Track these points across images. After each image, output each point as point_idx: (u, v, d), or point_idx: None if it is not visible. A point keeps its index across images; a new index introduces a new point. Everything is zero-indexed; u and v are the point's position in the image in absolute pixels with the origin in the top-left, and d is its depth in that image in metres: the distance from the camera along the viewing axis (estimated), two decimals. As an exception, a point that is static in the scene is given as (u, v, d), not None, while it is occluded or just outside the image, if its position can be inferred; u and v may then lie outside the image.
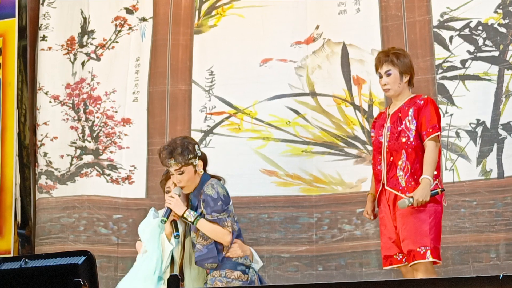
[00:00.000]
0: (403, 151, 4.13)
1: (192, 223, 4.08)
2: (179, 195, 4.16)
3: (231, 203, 4.16)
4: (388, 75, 4.21)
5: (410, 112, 4.15)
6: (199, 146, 4.25)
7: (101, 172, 5.76)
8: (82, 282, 2.73)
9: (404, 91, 4.24)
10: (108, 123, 5.81)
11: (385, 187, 4.17)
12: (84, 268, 2.94)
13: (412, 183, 4.08)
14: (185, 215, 4.09)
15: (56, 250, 5.48)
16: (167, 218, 4.12)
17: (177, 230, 4.15)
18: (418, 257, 4.01)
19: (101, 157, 5.79)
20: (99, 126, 5.84)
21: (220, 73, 5.62)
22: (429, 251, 3.99)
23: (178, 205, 4.09)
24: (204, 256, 4.07)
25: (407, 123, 4.14)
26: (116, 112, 5.79)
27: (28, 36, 6.03)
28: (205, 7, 5.75)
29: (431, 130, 4.10)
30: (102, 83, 5.87)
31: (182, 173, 4.13)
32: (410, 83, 4.26)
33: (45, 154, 5.89)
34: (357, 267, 5.15)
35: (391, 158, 4.16)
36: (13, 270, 3.06)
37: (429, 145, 4.08)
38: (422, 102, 4.16)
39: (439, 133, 4.13)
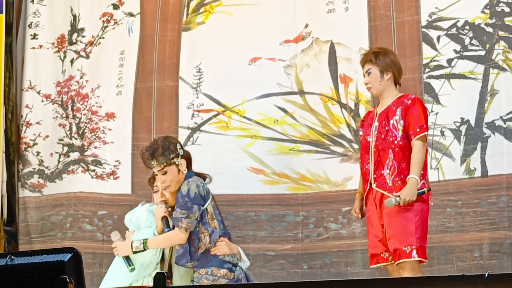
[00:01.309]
0: (390, 150, 4.14)
1: (144, 249, 4.08)
2: (119, 239, 4.16)
3: (205, 204, 4.10)
4: (369, 74, 4.24)
5: (398, 111, 4.16)
6: (181, 145, 4.23)
7: (86, 168, 5.75)
8: (68, 279, 2.72)
9: (389, 90, 4.24)
10: (92, 118, 5.81)
11: (372, 186, 4.18)
12: (70, 265, 2.93)
13: (399, 182, 4.09)
14: (134, 250, 4.08)
15: (45, 248, 5.47)
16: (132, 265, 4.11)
17: (168, 226, 4.16)
18: (404, 256, 4.02)
19: (86, 153, 5.78)
20: (85, 123, 5.83)
21: (208, 70, 5.61)
22: (414, 250, 4.00)
23: (123, 249, 4.09)
24: (180, 256, 4.08)
25: (395, 123, 4.15)
26: (100, 107, 5.79)
27: (16, 33, 6.00)
28: (193, 4, 5.74)
29: (418, 130, 4.11)
30: (91, 80, 5.86)
31: (165, 173, 4.12)
32: (395, 82, 4.26)
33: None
34: (342, 266, 5.16)
35: (378, 157, 4.17)
36: (-2, 267, 3.05)
37: (417, 144, 4.09)
38: (410, 101, 4.17)
39: (426, 133, 4.14)
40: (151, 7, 5.81)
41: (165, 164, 4.10)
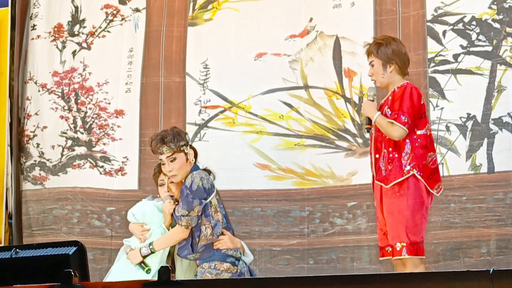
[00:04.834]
0: (383, 141, 4.11)
1: (152, 252, 4.09)
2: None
3: (208, 197, 4.10)
4: (372, 65, 4.19)
5: (389, 100, 4.14)
6: (189, 136, 4.27)
7: (94, 164, 5.76)
8: (72, 273, 2.73)
9: (394, 81, 4.16)
10: (101, 114, 5.81)
11: (375, 180, 4.16)
12: (75, 258, 2.95)
13: (390, 169, 4.03)
14: (143, 255, 4.09)
15: (49, 241, 5.49)
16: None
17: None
18: (396, 254, 3.99)
19: (94, 149, 5.79)
20: (92, 118, 5.84)
21: (214, 66, 5.62)
22: (404, 248, 3.95)
23: (134, 257, 4.10)
24: (182, 248, 4.10)
25: (386, 113, 4.11)
26: (109, 103, 5.79)
27: (17, 25, 5.99)
28: (200, 0, 5.75)
29: (393, 116, 4.02)
30: (94, 73, 5.86)
31: (174, 159, 4.12)
32: (401, 72, 4.17)
33: (38, 145, 5.89)
34: (348, 262, 5.16)
35: (377, 150, 4.14)
36: (3, 259, 3.07)
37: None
38: (398, 90, 4.11)
39: (393, 121, 4.01)
40: (158, 2, 5.81)
41: (175, 149, 4.10)
